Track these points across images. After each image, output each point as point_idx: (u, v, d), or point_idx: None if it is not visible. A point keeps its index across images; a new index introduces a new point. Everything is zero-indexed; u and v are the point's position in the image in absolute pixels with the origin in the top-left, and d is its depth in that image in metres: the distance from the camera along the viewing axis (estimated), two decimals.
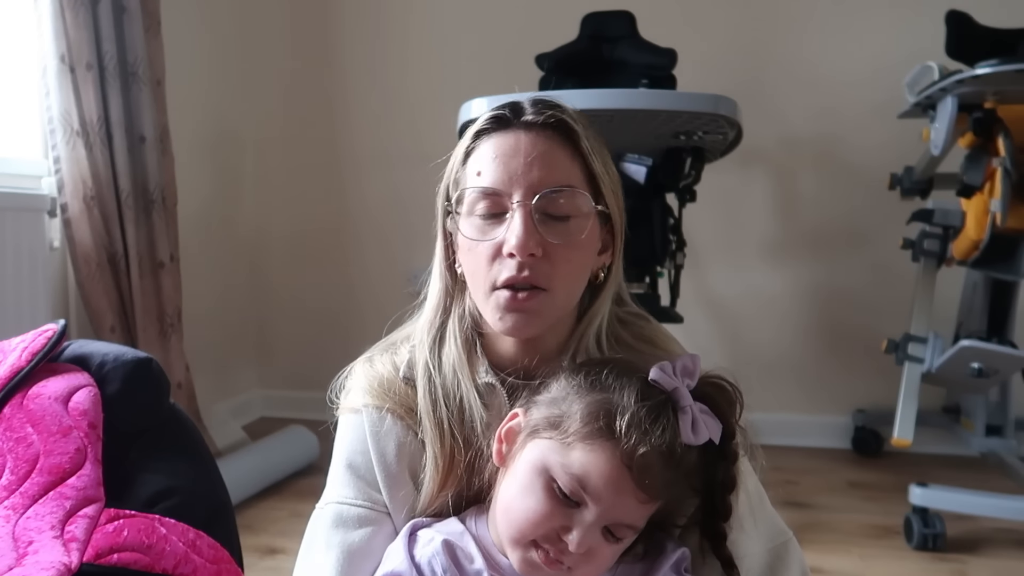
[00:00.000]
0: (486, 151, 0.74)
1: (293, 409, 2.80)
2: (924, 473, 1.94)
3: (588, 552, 0.65)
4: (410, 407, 0.78)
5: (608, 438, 0.65)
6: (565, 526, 0.65)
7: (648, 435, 0.64)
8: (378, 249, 2.79)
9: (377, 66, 2.73)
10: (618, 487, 0.64)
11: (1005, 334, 2.01)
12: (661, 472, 0.64)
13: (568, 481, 0.65)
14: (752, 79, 2.45)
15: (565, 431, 0.67)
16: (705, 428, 0.67)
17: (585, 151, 0.74)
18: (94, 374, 0.82)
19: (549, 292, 0.72)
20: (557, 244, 0.71)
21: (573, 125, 0.74)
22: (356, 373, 0.83)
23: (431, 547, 0.70)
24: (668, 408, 0.67)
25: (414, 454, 0.77)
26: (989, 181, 1.76)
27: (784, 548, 0.76)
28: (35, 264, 1.74)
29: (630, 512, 0.66)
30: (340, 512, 0.76)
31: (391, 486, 0.76)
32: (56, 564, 0.66)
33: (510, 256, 0.71)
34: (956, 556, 1.67)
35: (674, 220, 1.96)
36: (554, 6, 2.45)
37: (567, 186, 0.72)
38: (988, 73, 1.56)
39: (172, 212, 2.12)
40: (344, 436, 0.80)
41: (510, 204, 0.72)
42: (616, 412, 0.65)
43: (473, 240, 0.74)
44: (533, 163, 0.71)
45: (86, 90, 1.82)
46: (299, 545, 0.78)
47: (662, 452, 0.64)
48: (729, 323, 2.54)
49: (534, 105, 0.75)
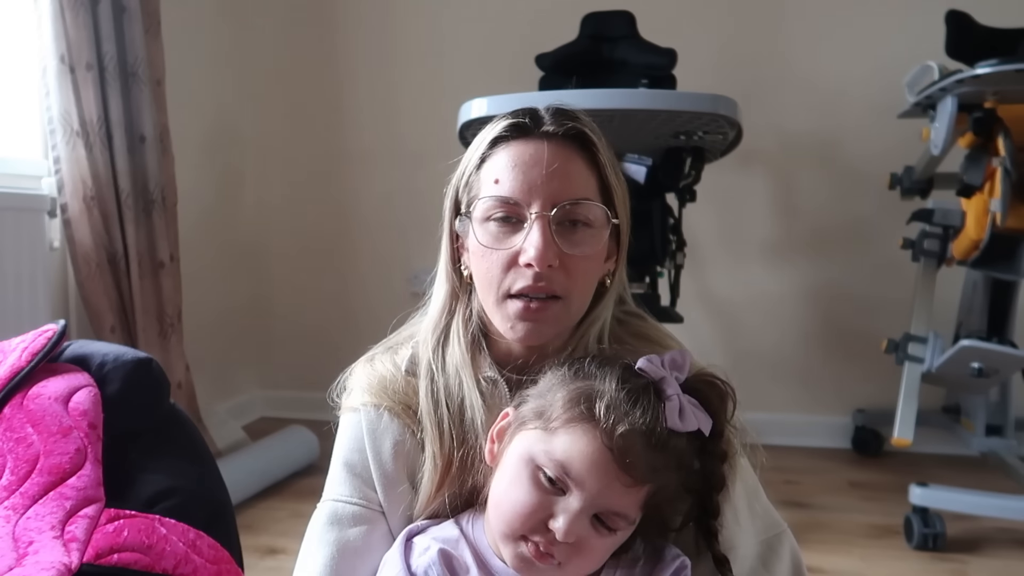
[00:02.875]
0: (504, 159, 0.74)
1: (293, 409, 2.80)
2: (924, 473, 1.94)
3: (579, 544, 0.65)
4: (408, 405, 0.78)
5: (588, 420, 0.65)
6: (552, 514, 0.65)
7: (628, 415, 0.65)
8: (378, 249, 2.79)
9: (377, 66, 2.73)
10: (601, 469, 0.64)
11: (1005, 334, 2.01)
12: (644, 453, 0.64)
13: (552, 467, 0.65)
14: (752, 79, 2.45)
15: (548, 419, 0.67)
16: (693, 417, 0.67)
17: (602, 163, 0.75)
18: (94, 374, 0.82)
19: (565, 300, 0.73)
20: (573, 255, 0.72)
21: (592, 136, 0.75)
22: (356, 373, 0.83)
23: (427, 556, 0.70)
24: (650, 392, 0.67)
25: (411, 453, 0.77)
26: (989, 181, 1.76)
27: (777, 540, 0.77)
28: (35, 264, 1.74)
29: (616, 497, 0.65)
30: (335, 510, 0.76)
31: (386, 484, 0.77)
32: (56, 564, 0.66)
33: (527, 266, 0.71)
34: (956, 556, 1.67)
35: (674, 220, 1.96)
36: (554, 6, 2.45)
37: (585, 199, 0.73)
38: (988, 73, 1.56)
39: (172, 212, 2.12)
40: (343, 435, 0.81)
41: (528, 215, 0.72)
42: (596, 396, 0.66)
43: (487, 248, 0.74)
44: (553, 175, 0.72)
45: (86, 90, 1.82)
46: (299, 545, 0.78)
47: (643, 432, 0.64)
48: (729, 323, 2.54)
49: (553, 115, 0.75)
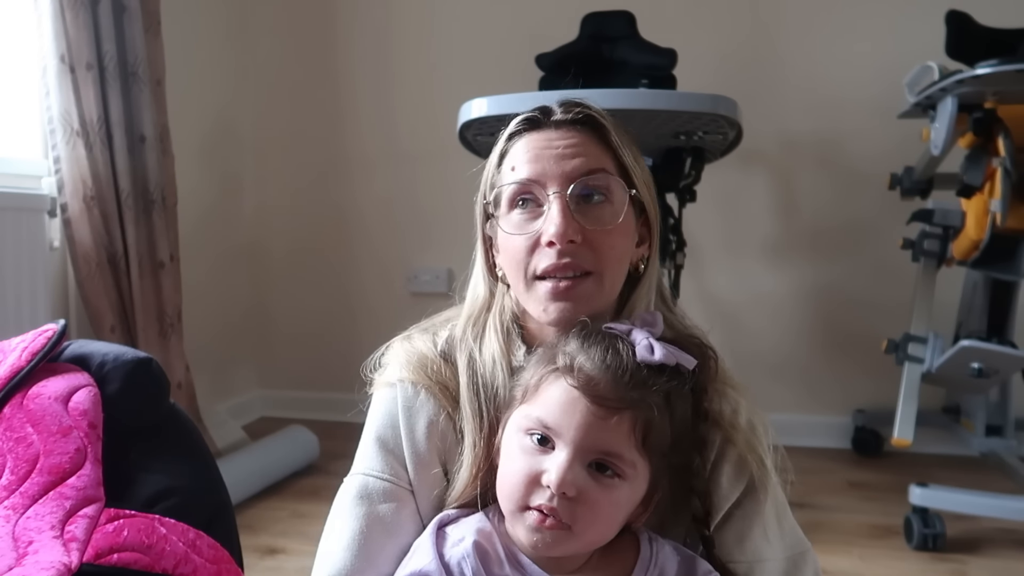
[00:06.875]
0: (519, 149, 0.77)
1: (293, 409, 2.80)
2: (924, 473, 1.94)
3: (582, 499, 0.64)
4: (445, 385, 0.79)
5: (554, 371, 0.68)
6: (544, 470, 0.65)
7: (587, 352, 0.67)
8: (378, 249, 2.79)
9: (377, 66, 2.73)
10: (573, 409, 0.65)
11: (1005, 334, 2.01)
12: (611, 384, 0.65)
13: (534, 425, 0.67)
14: (752, 79, 2.45)
15: (525, 389, 0.70)
16: (664, 351, 0.67)
17: (615, 144, 0.76)
18: (94, 374, 0.82)
19: (596, 275, 0.73)
20: (596, 230, 0.73)
21: (601, 120, 0.77)
22: (394, 349, 0.83)
23: (461, 548, 0.69)
24: (613, 337, 0.69)
25: (444, 433, 0.77)
26: (989, 181, 1.76)
27: (802, 558, 0.77)
28: (35, 264, 1.74)
29: (600, 434, 0.65)
30: (366, 484, 0.76)
31: (417, 463, 0.76)
32: (56, 564, 0.66)
33: (549, 245, 0.72)
34: (956, 556, 1.67)
35: (674, 220, 1.96)
36: (554, 6, 2.45)
37: (600, 170, 0.74)
38: (988, 73, 1.56)
39: (172, 212, 2.12)
40: (376, 410, 0.81)
41: (545, 196, 0.73)
42: (558, 352, 0.69)
43: (511, 235, 0.75)
44: (565, 154, 0.74)
45: (86, 90, 1.82)
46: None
47: (604, 361, 0.66)
48: (729, 323, 2.54)
49: (562, 105, 0.78)
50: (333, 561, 0.73)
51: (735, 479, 0.74)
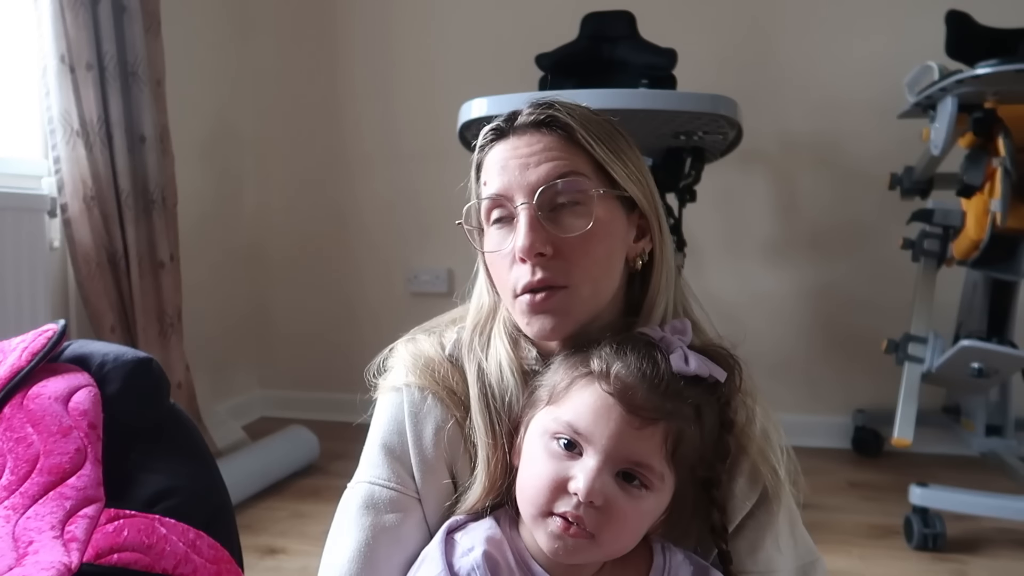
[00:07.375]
0: (490, 162, 0.75)
1: (293, 409, 2.80)
2: (924, 473, 1.94)
3: (608, 508, 0.62)
4: (452, 389, 0.76)
5: (587, 375, 0.66)
6: (571, 476, 0.63)
7: (623, 358, 0.66)
8: (378, 249, 2.79)
9: (377, 66, 2.73)
10: (606, 416, 0.63)
11: (1005, 334, 2.01)
12: (647, 393, 0.64)
13: (563, 429, 0.65)
14: (752, 79, 2.45)
15: (553, 393, 0.68)
16: (699, 362, 0.66)
17: (583, 141, 0.72)
18: (94, 374, 0.82)
19: (569, 288, 0.70)
20: (569, 237, 0.70)
21: (566, 120, 0.72)
22: (399, 351, 0.81)
23: (471, 558, 0.67)
24: (649, 345, 0.68)
25: (452, 440, 0.75)
26: (989, 181, 1.76)
27: (812, 567, 0.76)
28: (35, 264, 1.74)
29: (631, 444, 0.63)
30: (372, 493, 0.74)
31: (425, 471, 0.74)
32: (56, 564, 0.66)
33: (521, 261, 0.70)
34: (956, 556, 1.67)
35: (674, 220, 1.96)
36: (554, 6, 2.45)
37: (565, 174, 0.70)
38: (988, 73, 1.56)
39: (172, 212, 2.12)
40: (382, 415, 0.78)
41: (514, 209, 0.71)
42: (593, 356, 0.67)
43: (492, 252, 0.74)
44: (528, 164, 0.71)
45: (86, 90, 1.82)
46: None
47: (641, 369, 0.64)
48: (729, 323, 2.50)
49: (528, 107, 0.75)
50: (339, 574, 0.71)
51: (748, 489, 0.73)
